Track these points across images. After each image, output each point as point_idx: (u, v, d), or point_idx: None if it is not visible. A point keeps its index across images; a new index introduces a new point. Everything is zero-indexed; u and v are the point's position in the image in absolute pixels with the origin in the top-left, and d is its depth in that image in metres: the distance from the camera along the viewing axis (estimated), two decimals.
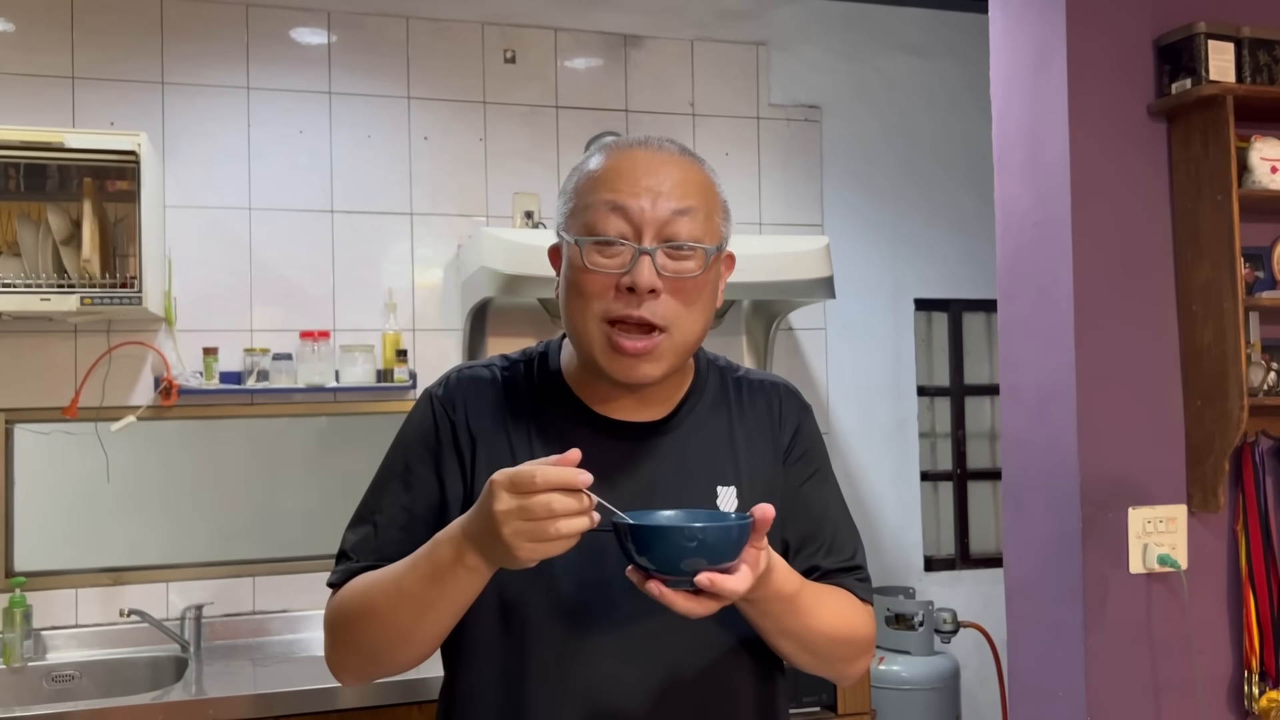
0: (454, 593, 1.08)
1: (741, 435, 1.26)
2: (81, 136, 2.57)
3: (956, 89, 3.61)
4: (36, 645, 2.70)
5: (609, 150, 1.19)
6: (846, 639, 1.23)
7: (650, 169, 1.15)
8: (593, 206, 1.14)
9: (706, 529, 0.99)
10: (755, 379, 1.33)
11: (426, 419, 1.23)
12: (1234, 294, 2.05)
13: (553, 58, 3.27)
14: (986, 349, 3.74)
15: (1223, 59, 2.10)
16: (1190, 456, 2.15)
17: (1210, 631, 2.16)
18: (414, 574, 1.09)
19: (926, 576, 3.57)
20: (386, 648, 1.15)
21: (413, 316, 3.11)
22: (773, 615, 1.13)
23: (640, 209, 1.13)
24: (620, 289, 1.12)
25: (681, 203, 1.14)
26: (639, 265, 1.12)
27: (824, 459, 1.33)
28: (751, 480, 1.23)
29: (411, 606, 1.10)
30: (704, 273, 1.15)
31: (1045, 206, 2.17)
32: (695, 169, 1.19)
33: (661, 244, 1.13)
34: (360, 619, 1.15)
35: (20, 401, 2.79)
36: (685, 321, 1.15)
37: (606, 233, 1.13)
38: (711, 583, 0.98)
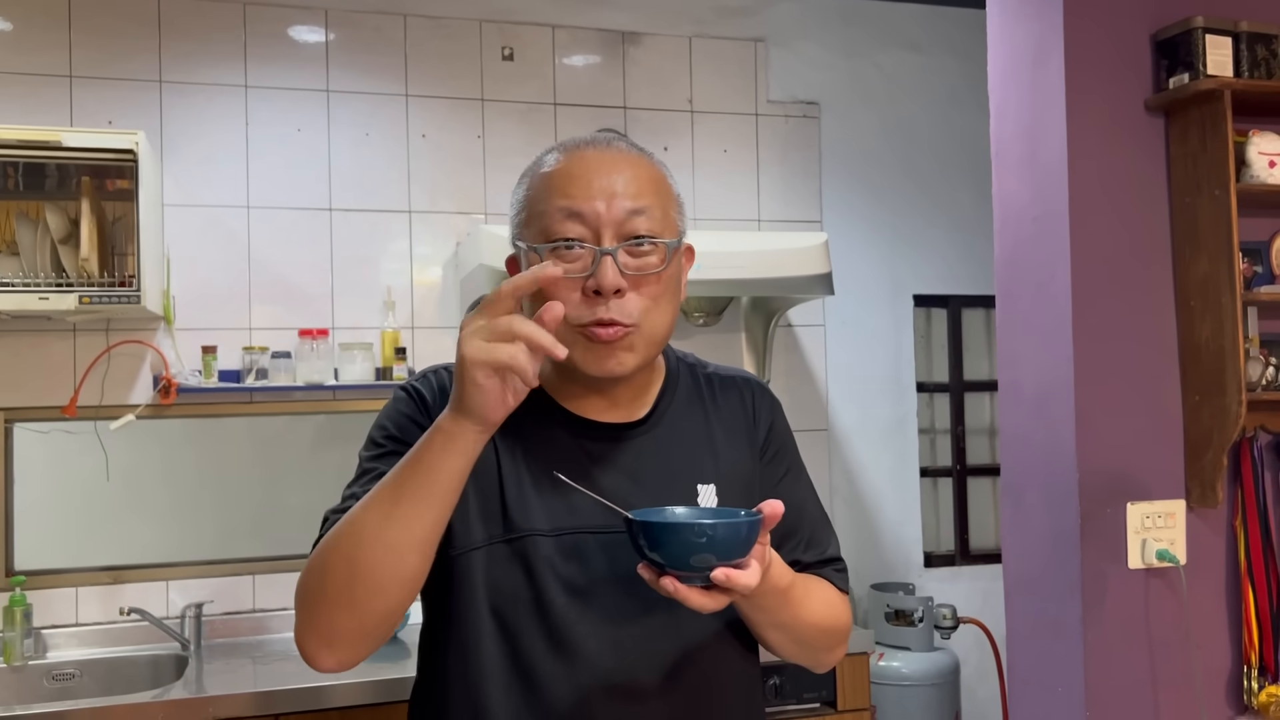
0: (430, 469, 1.01)
1: (719, 431, 1.27)
2: (79, 135, 2.57)
3: (955, 85, 3.61)
4: (37, 644, 2.71)
5: (557, 154, 1.18)
6: (831, 628, 1.26)
7: (601, 169, 1.14)
8: (547, 214, 1.14)
9: (718, 525, 1.00)
10: (724, 374, 1.33)
11: (411, 406, 1.22)
12: (1232, 289, 2.05)
13: (551, 55, 3.27)
14: (986, 345, 3.74)
15: (1220, 53, 2.10)
16: (1189, 452, 2.15)
17: (1209, 626, 2.16)
18: (388, 475, 1.05)
19: (926, 573, 3.57)
20: (365, 567, 1.03)
21: (411, 314, 3.11)
22: (767, 608, 1.15)
23: (596, 212, 1.12)
24: (585, 293, 1.12)
25: (637, 201, 1.14)
26: (602, 266, 1.11)
27: (796, 453, 1.35)
28: (730, 477, 1.24)
29: (385, 502, 1.03)
30: (667, 267, 1.16)
31: (1043, 202, 2.17)
32: (646, 165, 1.19)
33: (621, 243, 1.13)
34: (328, 549, 1.06)
35: (19, 400, 2.79)
36: (654, 316, 1.15)
37: (565, 237, 1.12)
38: (728, 578, 0.99)
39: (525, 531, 1.16)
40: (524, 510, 1.16)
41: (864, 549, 3.49)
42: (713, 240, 2.97)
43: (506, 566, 1.16)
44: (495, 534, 1.16)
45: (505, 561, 1.16)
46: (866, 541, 3.50)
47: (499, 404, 0.99)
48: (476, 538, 1.16)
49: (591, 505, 1.13)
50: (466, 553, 1.16)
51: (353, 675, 2.45)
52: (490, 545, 1.16)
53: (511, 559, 1.16)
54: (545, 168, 1.18)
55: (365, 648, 1.08)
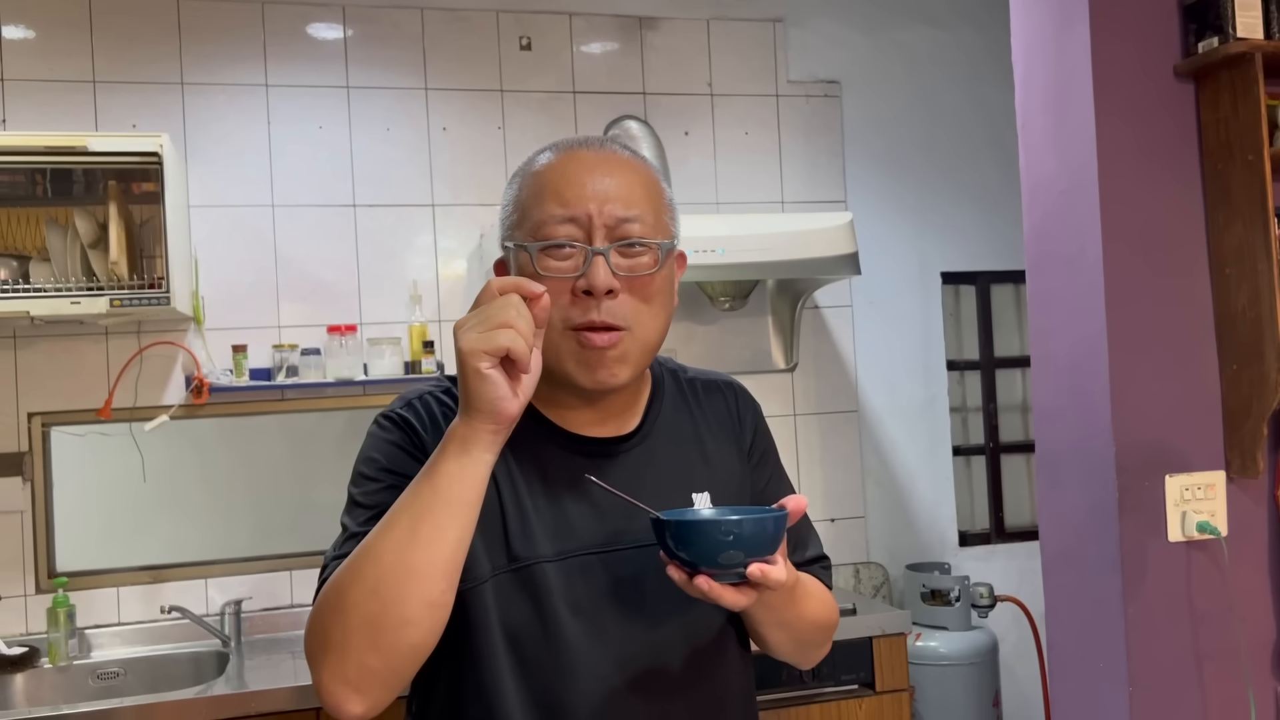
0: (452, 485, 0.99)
1: (708, 437, 1.27)
2: (104, 140, 2.59)
3: (977, 58, 3.57)
4: (81, 644, 2.75)
5: (550, 153, 1.17)
6: (825, 625, 1.27)
7: (594, 171, 1.13)
8: (539, 215, 1.12)
9: (745, 521, 1.01)
10: (706, 378, 1.33)
11: (393, 437, 1.17)
12: (1268, 255, 2.01)
13: (568, 43, 3.26)
14: (1016, 320, 3.70)
15: (1250, 15, 2.06)
16: (1227, 422, 2.12)
17: (1252, 598, 2.13)
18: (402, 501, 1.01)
19: (961, 552, 3.55)
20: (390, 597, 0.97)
21: (438, 307, 3.12)
22: (774, 606, 1.14)
23: (588, 214, 1.10)
24: (576, 294, 1.10)
25: (629, 207, 1.12)
26: (593, 266, 1.09)
27: (777, 455, 1.36)
28: (723, 482, 1.24)
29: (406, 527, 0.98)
30: (659, 268, 1.14)
31: (1071, 173, 2.14)
32: (640, 168, 1.17)
33: (614, 243, 1.11)
34: (350, 584, 1.00)
35: (55, 405, 2.82)
36: (646, 319, 1.14)
37: (556, 237, 1.11)
38: (764, 574, 0.99)
39: (530, 559, 1.14)
40: (526, 537, 1.14)
41: (898, 530, 3.47)
42: (737, 223, 2.95)
43: (515, 596, 1.13)
44: (500, 565, 1.13)
45: (513, 591, 1.13)
46: (900, 522, 3.48)
47: (508, 396, 0.98)
48: (483, 570, 1.13)
49: (591, 525, 1.15)
50: (477, 586, 1.12)
51: None
52: (496, 576, 1.13)
53: (519, 588, 1.13)
54: (537, 167, 1.16)
55: (394, 689, 1.02)
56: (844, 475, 3.40)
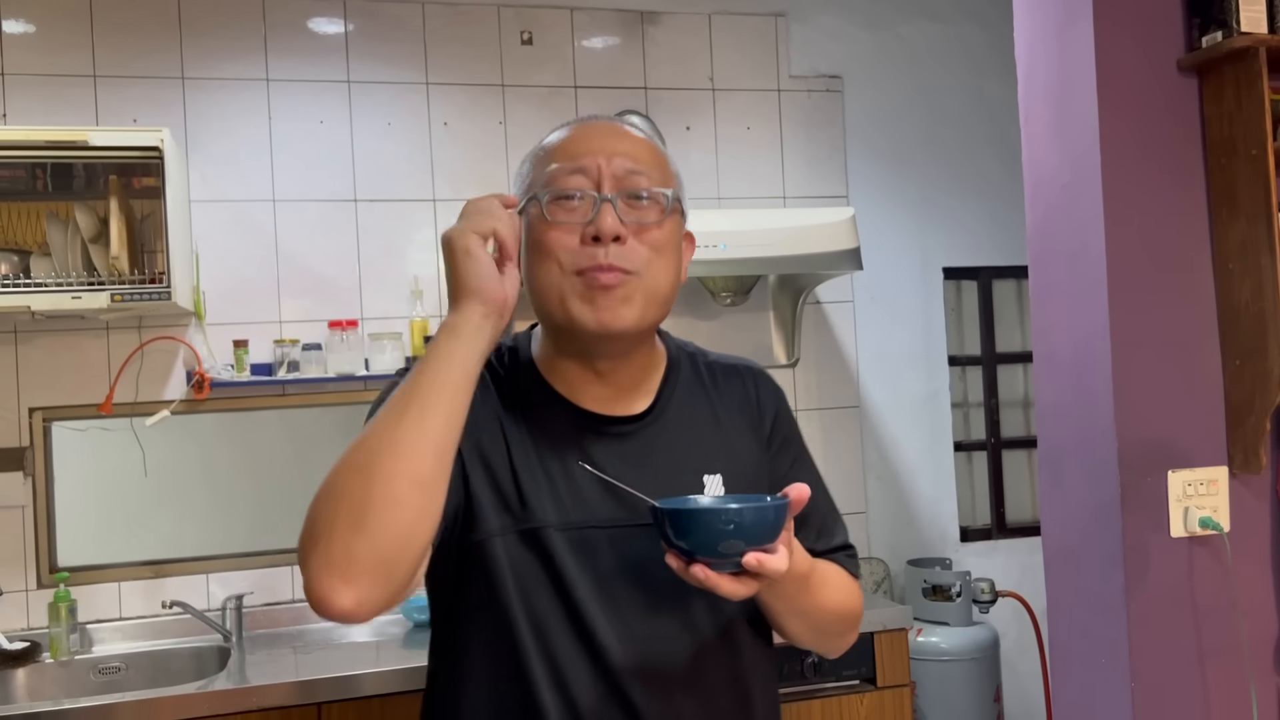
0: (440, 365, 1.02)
1: (724, 420, 1.26)
2: (105, 134, 2.59)
3: (979, 53, 3.56)
4: (82, 639, 2.75)
5: (562, 127, 1.24)
6: (848, 614, 1.26)
7: (604, 134, 1.19)
8: (550, 171, 1.17)
9: (745, 510, 0.99)
10: (726, 363, 1.32)
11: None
12: (1271, 250, 2.00)
13: (570, 38, 3.25)
14: (1018, 316, 3.69)
15: (1254, 9, 2.05)
16: (1230, 417, 2.11)
17: (1255, 594, 2.13)
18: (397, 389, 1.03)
19: (963, 547, 3.55)
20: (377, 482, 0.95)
21: (439, 303, 3.11)
22: (787, 595, 1.14)
23: (597, 165, 1.15)
24: (585, 240, 1.13)
25: (637, 163, 1.17)
26: (601, 212, 1.13)
27: (802, 441, 1.35)
28: (737, 466, 1.23)
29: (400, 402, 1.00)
30: (665, 219, 1.17)
31: (1074, 168, 2.13)
32: (649, 140, 1.23)
33: (620, 193, 1.15)
34: (341, 465, 1.00)
35: (56, 400, 2.82)
36: (655, 268, 1.15)
37: (566, 187, 1.15)
38: (760, 563, 0.99)
39: (538, 524, 1.15)
40: (537, 501, 1.15)
41: (899, 525, 3.47)
42: (738, 219, 2.95)
43: (524, 556, 1.15)
44: (508, 525, 1.15)
45: (522, 551, 1.15)
46: (902, 517, 3.48)
47: (495, 275, 1.06)
48: (493, 526, 1.15)
49: (599, 499, 1.14)
50: (490, 539, 1.15)
51: (392, 663, 2.47)
52: (504, 535, 1.15)
53: (528, 549, 1.15)
54: (549, 140, 1.23)
55: (384, 583, 0.96)
56: (845, 470, 3.39)
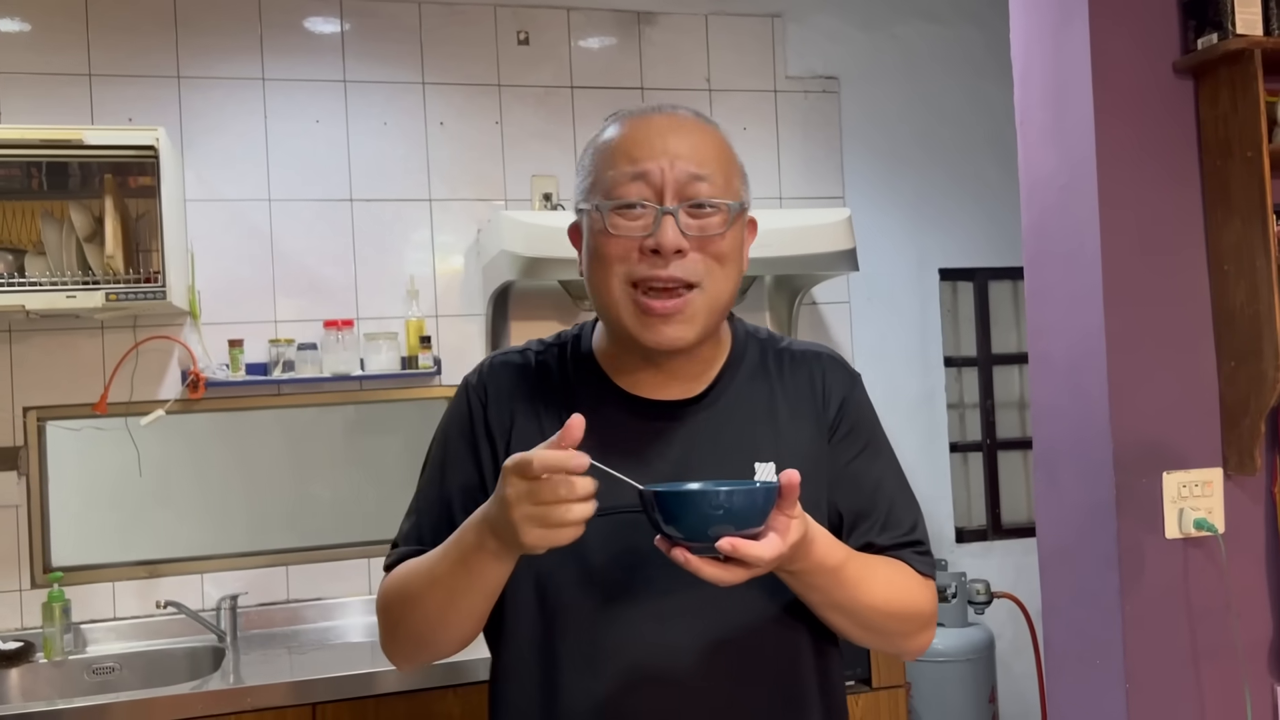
0: (481, 578, 1.08)
1: (783, 409, 1.23)
2: (100, 133, 2.58)
3: (976, 54, 3.56)
4: (76, 639, 2.74)
5: (624, 119, 1.19)
6: (900, 613, 1.20)
7: (666, 133, 1.14)
8: (612, 175, 1.14)
9: (730, 493, 0.97)
10: (798, 350, 1.29)
11: (462, 408, 1.25)
12: (1266, 252, 2.01)
13: (566, 38, 3.25)
14: (1013, 317, 3.70)
15: (1250, 11, 2.05)
16: (1225, 419, 2.11)
17: (1249, 595, 2.13)
18: (444, 560, 1.11)
19: (958, 548, 3.55)
20: (427, 631, 1.17)
21: (435, 303, 3.11)
22: (819, 588, 1.11)
23: (659, 171, 1.12)
24: (645, 251, 1.11)
25: (700, 166, 1.13)
26: (663, 225, 1.11)
27: (874, 430, 1.29)
28: (793, 455, 1.18)
29: (443, 592, 1.12)
30: (728, 229, 1.14)
31: (1070, 170, 2.14)
32: (712, 133, 1.19)
33: (683, 203, 1.12)
34: (401, 605, 1.18)
35: (51, 399, 2.82)
36: (716, 278, 1.14)
37: (627, 197, 1.12)
38: (734, 548, 0.96)
39: None
40: None
41: None
42: None
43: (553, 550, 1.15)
44: None
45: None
46: None
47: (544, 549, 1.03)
48: None
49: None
50: None
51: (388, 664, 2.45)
52: None
53: None
54: (611, 133, 1.18)
55: (437, 660, 1.23)
56: None
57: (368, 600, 2.94)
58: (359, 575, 2.95)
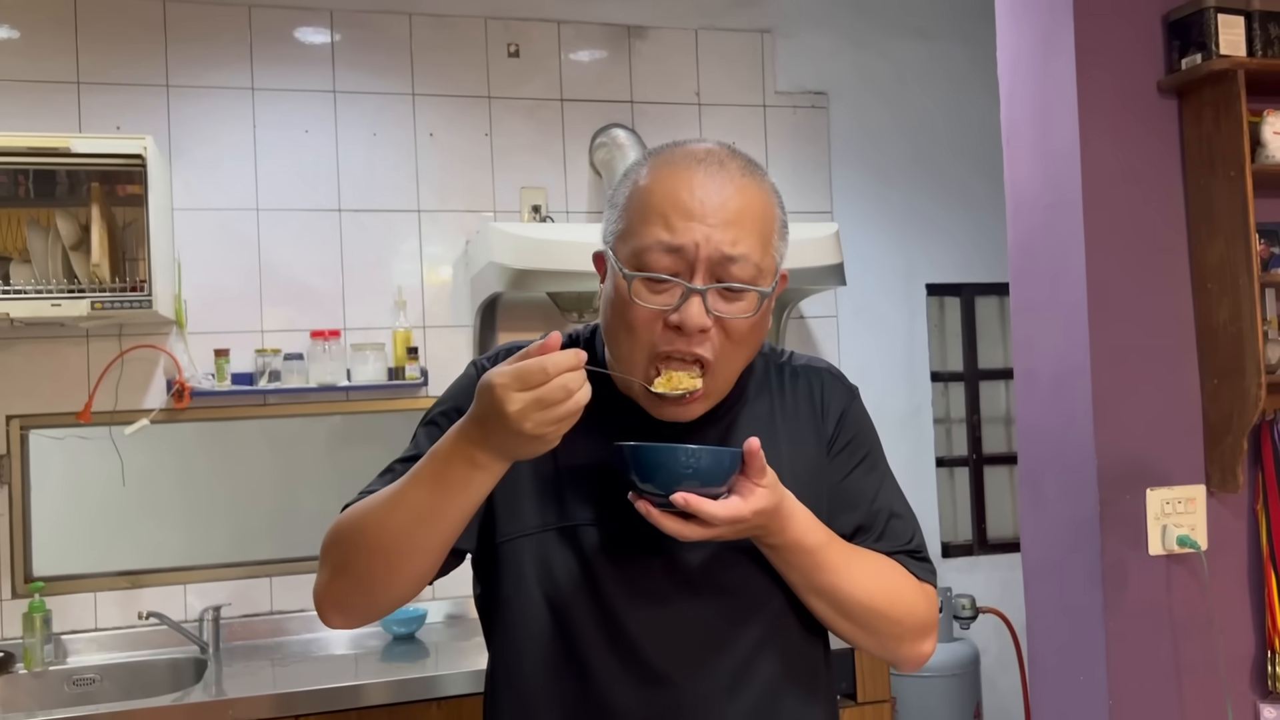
0: (460, 495, 1.05)
1: (783, 424, 1.24)
2: (88, 141, 2.58)
3: (964, 71, 3.59)
4: (57, 649, 2.72)
5: (663, 166, 1.13)
6: (887, 611, 1.19)
7: (706, 198, 1.09)
8: (643, 237, 1.10)
9: (697, 451, 1.04)
10: (799, 365, 1.30)
11: (469, 384, 1.21)
12: (1249, 271, 2.03)
13: (556, 50, 3.26)
14: (1000, 333, 3.71)
15: (1233, 33, 2.08)
16: (1208, 436, 2.13)
17: (1231, 612, 2.14)
18: (413, 482, 1.07)
19: (944, 563, 3.56)
20: (380, 566, 1.10)
21: (423, 314, 3.10)
22: (797, 567, 1.14)
23: (693, 246, 1.08)
24: (669, 325, 1.09)
25: (735, 246, 1.09)
26: (688, 305, 1.08)
27: (872, 444, 1.30)
28: (793, 470, 1.19)
29: (409, 512, 1.06)
30: (757, 314, 1.12)
31: (1056, 188, 2.15)
32: (753, 192, 1.13)
33: (714, 283, 1.09)
34: (354, 535, 1.11)
35: (34, 407, 2.80)
36: (731, 359, 1.13)
37: (656, 269, 1.09)
38: (686, 502, 1.02)
39: (578, 521, 1.17)
40: (578, 500, 1.18)
41: None
42: None
43: (558, 554, 1.17)
44: (550, 521, 1.18)
45: (557, 549, 1.17)
46: None
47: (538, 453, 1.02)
48: (529, 524, 1.18)
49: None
50: (513, 540, 1.18)
51: (371, 676, 2.46)
52: (543, 533, 1.18)
53: (564, 546, 1.17)
54: (648, 178, 1.13)
55: (370, 618, 1.17)
56: None
57: None
58: None
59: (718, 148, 1.15)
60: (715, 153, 1.14)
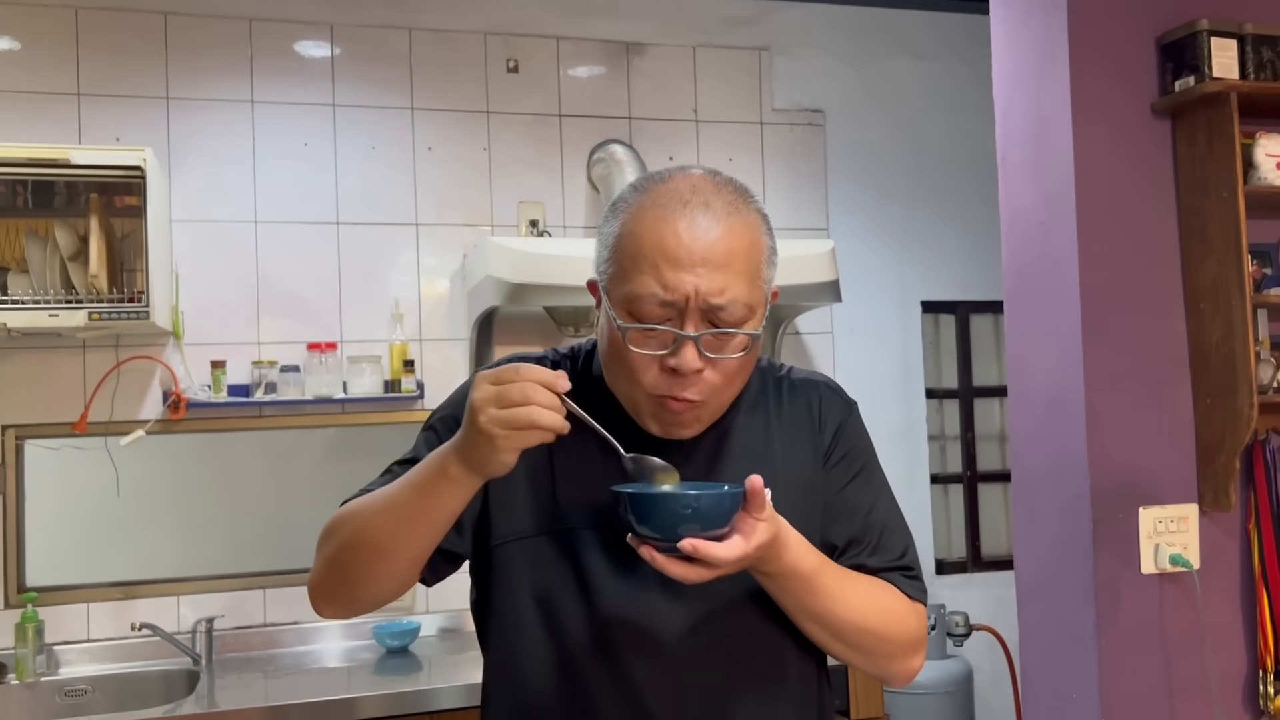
0: (434, 504, 1.09)
1: (778, 438, 1.26)
2: (87, 153, 2.59)
3: (960, 90, 3.61)
4: (49, 660, 2.71)
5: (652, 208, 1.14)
6: (879, 631, 1.21)
7: (693, 240, 1.11)
8: (636, 286, 1.12)
9: (697, 496, 1.02)
10: (797, 379, 1.31)
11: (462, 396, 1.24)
12: (1242, 291, 2.04)
13: (555, 66, 3.28)
14: (995, 350, 3.73)
15: (1226, 56, 2.10)
16: (1201, 455, 2.14)
17: (1224, 631, 2.15)
18: (401, 486, 1.12)
19: (938, 580, 3.56)
20: (363, 560, 1.15)
21: (419, 327, 3.11)
22: (791, 592, 1.14)
23: (685, 297, 1.10)
24: (664, 368, 1.12)
25: (724, 294, 1.11)
26: (683, 351, 1.11)
27: (868, 458, 1.32)
28: (788, 483, 1.21)
29: (392, 515, 1.12)
30: (747, 353, 1.15)
31: (1050, 207, 2.17)
32: (741, 231, 1.14)
33: (706, 329, 1.11)
34: (344, 527, 1.17)
35: (30, 417, 2.80)
36: (725, 392, 1.17)
37: (650, 319, 1.11)
38: (695, 549, 1.01)
39: (573, 525, 1.19)
40: (573, 505, 1.19)
41: None
42: None
43: (551, 558, 1.19)
44: (545, 526, 1.19)
45: (550, 553, 1.19)
46: None
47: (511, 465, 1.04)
48: (523, 529, 1.20)
49: None
50: (506, 544, 1.20)
51: (364, 689, 2.46)
52: (538, 536, 1.19)
53: (558, 550, 1.19)
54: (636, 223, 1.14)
55: (358, 611, 1.24)
56: None
57: (345, 625, 2.92)
58: None
59: (704, 180, 1.16)
60: (701, 189, 1.14)
